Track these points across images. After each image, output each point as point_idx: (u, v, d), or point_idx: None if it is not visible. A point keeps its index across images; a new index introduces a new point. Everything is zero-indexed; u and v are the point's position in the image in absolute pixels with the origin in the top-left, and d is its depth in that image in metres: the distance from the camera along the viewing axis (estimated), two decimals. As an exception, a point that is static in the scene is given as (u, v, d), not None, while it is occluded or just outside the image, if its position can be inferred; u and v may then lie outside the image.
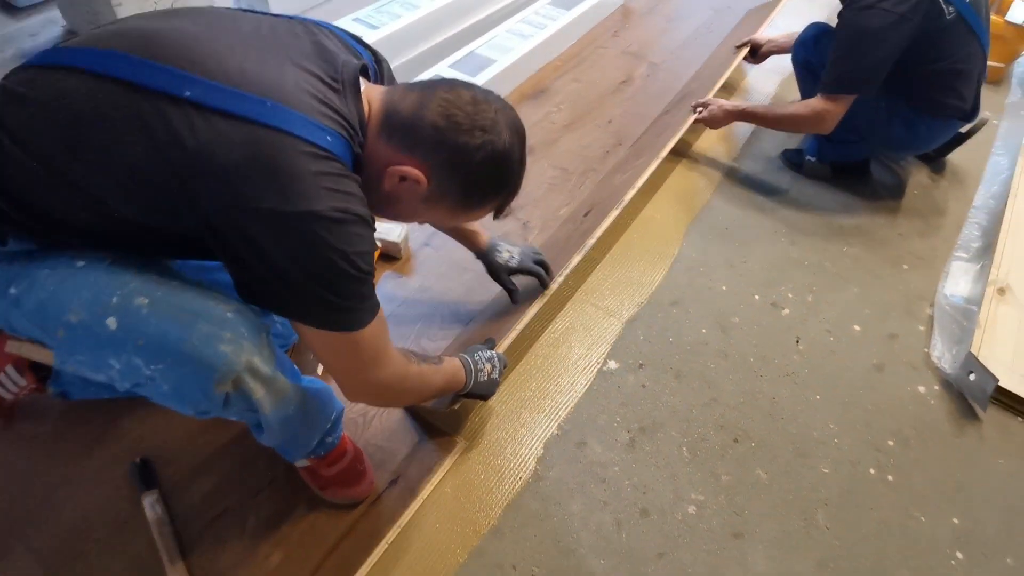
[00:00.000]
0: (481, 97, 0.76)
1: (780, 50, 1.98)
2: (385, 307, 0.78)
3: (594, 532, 1.04)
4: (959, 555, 1.06)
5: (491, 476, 1.10)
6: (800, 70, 1.78)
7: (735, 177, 1.80)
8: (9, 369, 1.05)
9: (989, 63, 2.24)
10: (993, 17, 2.20)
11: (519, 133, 0.79)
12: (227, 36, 0.71)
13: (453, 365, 0.99)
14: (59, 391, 1.06)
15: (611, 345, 1.33)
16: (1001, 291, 1.46)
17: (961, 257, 1.61)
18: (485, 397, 1.08)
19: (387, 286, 1.39)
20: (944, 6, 1.42)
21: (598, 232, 1.41)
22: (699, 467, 1.14)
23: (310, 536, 1.00)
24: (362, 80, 0.78)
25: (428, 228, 1.53)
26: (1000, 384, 1.25)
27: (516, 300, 1.26)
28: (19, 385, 1.06)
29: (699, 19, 2.53)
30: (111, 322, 0.69)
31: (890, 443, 1.21)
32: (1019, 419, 1.27)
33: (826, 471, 1.15)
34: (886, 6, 1.39)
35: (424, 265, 1.45)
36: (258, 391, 0.76)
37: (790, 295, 1.48)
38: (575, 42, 2.30)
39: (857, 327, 1.42)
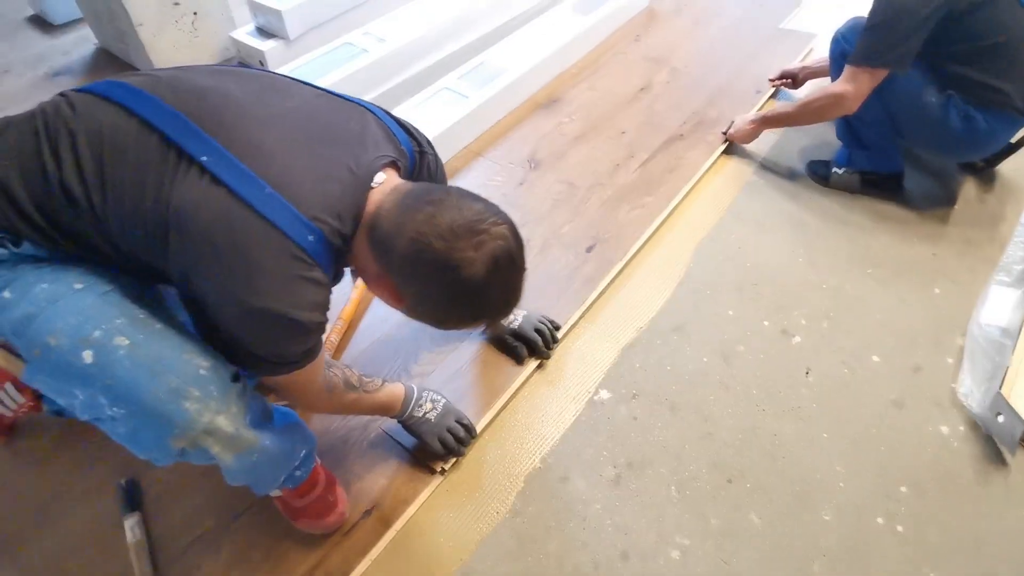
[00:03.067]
0: (464, 226, 0.73)
1: (818, 75, 1.89)
2: (376, 330, 0.80)
3: (570, 575, 1.00)
4: (972, 621, 0.97)
5: (468, 510, 1.07)
6: (836, 65, 1.66)
7: (752, 192, 1.71)
8: (8, 386, 1.09)
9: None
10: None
11: (505, 265, 0.75)
12: (267, 107, 0.78)
13: (391, 394, 1.04)
14: (54, 409, 1.10)
15: (604, 373, 1.28)
16: (1044, 321, 1.33)
17: (1003, 281, 1.47)
18: (422, 438, 1.08)
19: (379, 310, 1.38)
20: None
21: (601, 284, 1.41)
22: (687, 508, 1.08)
23: (281, 566, 1.00)
24: (388, 173, 0.82)
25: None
26: (1034, 428, 1.13)
27: (521, 361, 1.27)
28: (17, 402, 1.10)
29: (727, 19, 2.42)
30: (87, 355, 0.70)
31: (903, 489, 1.12)
32: (1056, 467, 1.15)
33: (828, 518, 1.08)
34: None
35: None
36: (215, 447, 0.76)
37: (803, 321, 1.39)
38: (592, 49, 2.23)
39: (876, 358, 1.32)
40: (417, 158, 0.94)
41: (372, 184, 0.79)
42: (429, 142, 0.98)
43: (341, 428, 1.16)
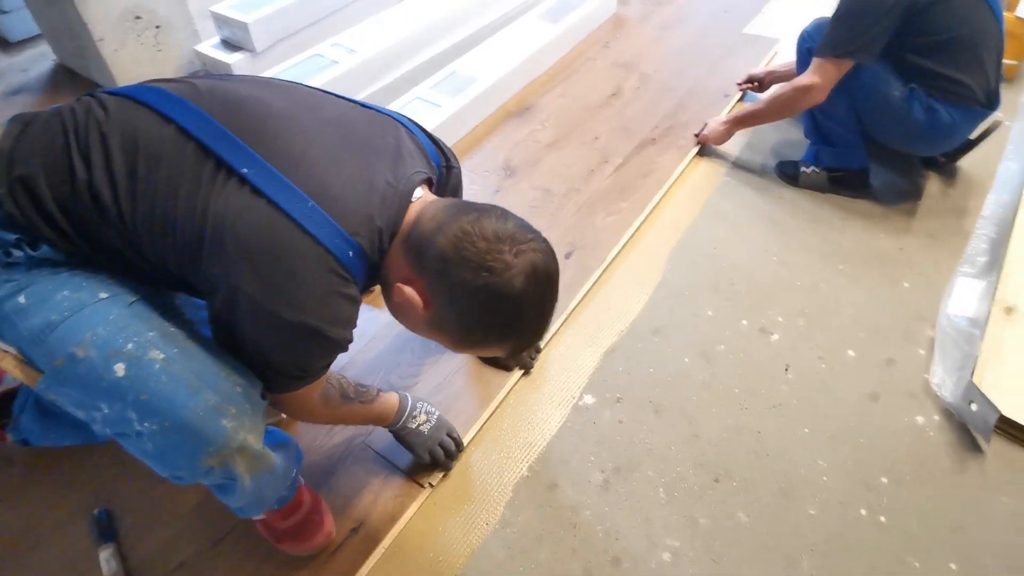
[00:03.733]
0: (507, 234, 0.72)
1: (783, 79, 1.94)
2: (356, 343, 0.77)
3: (562, 583, 0.99)
4: (956, 606, 0.99)
5: (457, 523, 1.06)
6: (802, 61, 1.70)
7: (725, 193, 1.74)
8: (-29, 418, 1.05)
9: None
10: (1005, 14, 2.09)
11: (542, 280, 0.74)
12: (306, 119, 0.76)
13: (386, 404, 1.02)
14: (19, 439, 1.05)
15: (588, 378, 1.28)
16: (1009, 310, 1.37)
17: (967, 273, 1.52)
18: (413, 450, 1.07)
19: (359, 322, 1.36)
20: None
21: (581, 291, 1.43)
22: (676, 510, 1.09)
23: (266, 591, 0.97)
24: (423, 188, 0.82)
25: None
26: (1004, 415, 1.17)
27: (509, 368, 1.28)
28: (-19, 435, 1.05)
29: (693, 25, 2.47)
30: (119, 368, 0.67)
31: (883, 480, 1.14)
32: (1026, 451, 1.19)
33: (813, 512, 1.09)
34: None
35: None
36: (241, 465, 0.74)
37: (780, 319, 1.41)
38: (563, 56, 2.25)
39: (851, 352, 1.35)
40: (444, 172, 0.94)
41: (412, 199, 0.79)
42: (455, 156, 0.98)
43: (324, 444, 1.14)
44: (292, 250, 0.68)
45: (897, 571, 1.02)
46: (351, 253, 0.72)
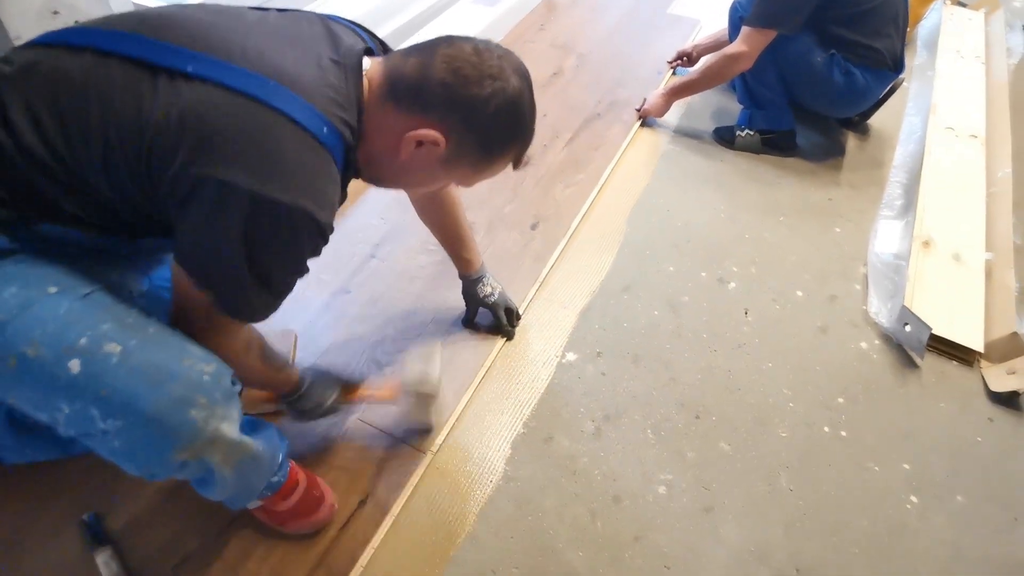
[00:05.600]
0: (482, 47, 0.74)
1: (710, 49, 2.06)
2: (337, 324, 0.76)
3: (569, 526, 1.04)
4: (913, 499, 1.12)
5: (461, 484, 1.09)
6: (734, 29, 1.82)
7: (670, 159, 1.84)
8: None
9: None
10: (894, -15, 2.32)
11: (525, 77, 0.77)
12: (235, 22, 0.71)
13: (289, 379, 0.96)
14: None
15: (568, 337, 1.34)
16: (926, 244, 1.54)
17: (887, 215, 1.69)
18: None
19: (337, 303, 1.36)
20: None
21: (551, 259, 1.49)
22: (665, 448, 1.16)
23: (282, 570, 0.96)
24: (366, 59, 0.77)
25: (372, 239, 1.50)
26: (933, 332, 1.32)
27: (466, 324, 1.33)
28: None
29: (620, 7, 2.57)
30: (74, 365, 0.63)
31: (840, 400, 1.26)
32: (954, 363, 1.35)
33: (784, 435, 1.19)
34: None
35: (372, 278, 1.42)
36: (217, 456, 0.72)
37: (735, 269, 1.52)
38: (502, 38, 2.30)
39: (800, 293, 1.48)
40: (381, 50, 0.89)
41: (363, 68, 0.76)
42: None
43: (318, 425, 1.13)
44: (271, 130, 0.64)
45: (861, 476, 1.14)
46: (325, 130, 0.68)
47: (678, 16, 2.53)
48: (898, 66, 1.72)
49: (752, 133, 1.85)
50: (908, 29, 2.37)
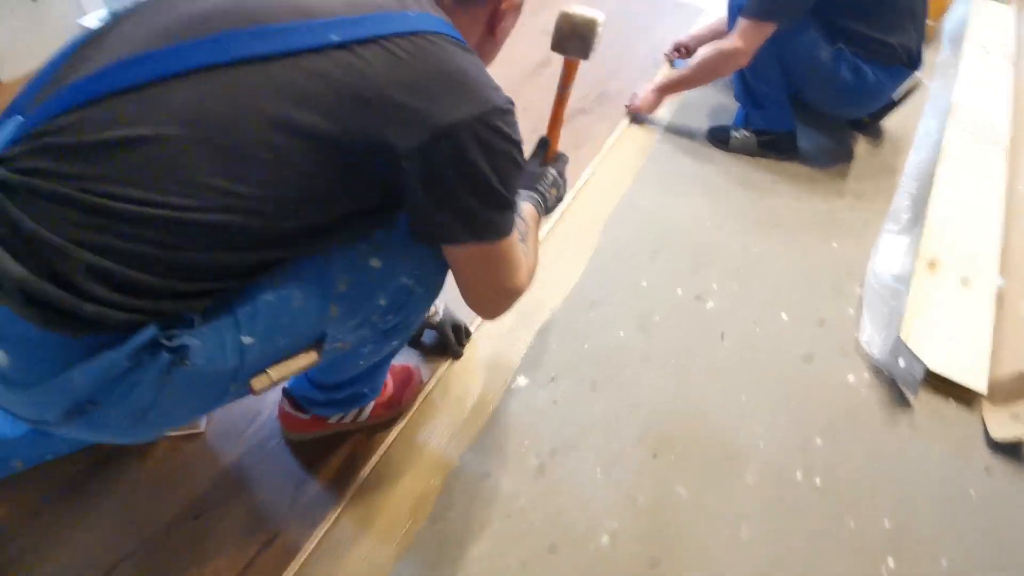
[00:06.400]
0: None
1: (709, 40, 1.90)
2: None
3: (497, 577, 0.94)
4: (891, 562, 0.99)
5: (384, 522, 0.98)
6: (732, 20, 1.67)
7: (658, 159, 1.70)
8: None
9: (917, 21, 2.18)
10: (919, -27, 2.13)
11: None
12: None
13: (534, 220, 0.94)
14: None
15: (521, 358, 1.22)
16: (931, 265, 1.40)
17: (892, 230, 1.54)
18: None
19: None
20: None
21: None
22: (614, 489, 1.05)
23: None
24: None
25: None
26: (932, 368, 1.18)
27: (410, 343, 1.22)
28: None
29: (622, -9, 2.41)
30: (374, 263, 0.70)
31: (818, 442, 1.13)
32: (951, 401, 1.21)
33: (750, 481, 1.07)
34: None
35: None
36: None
37: (714, 285, 1.39)
38: (490, 23, 2.15)
39: (785, 315, 1.34)
40: None
41: None
42: None
43: (231, 454, 1.04)
44: (436, 56, 0.61)
45: (834, 532, 1.02)
46: (450, 29, 0.66)
47: (681, 3, 2.36)
48: (914, 63, 1.55)
49: (748, 134, 1.70)
50: (931, 22, 2.19)
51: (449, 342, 1.19)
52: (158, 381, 0.59)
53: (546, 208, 1.01)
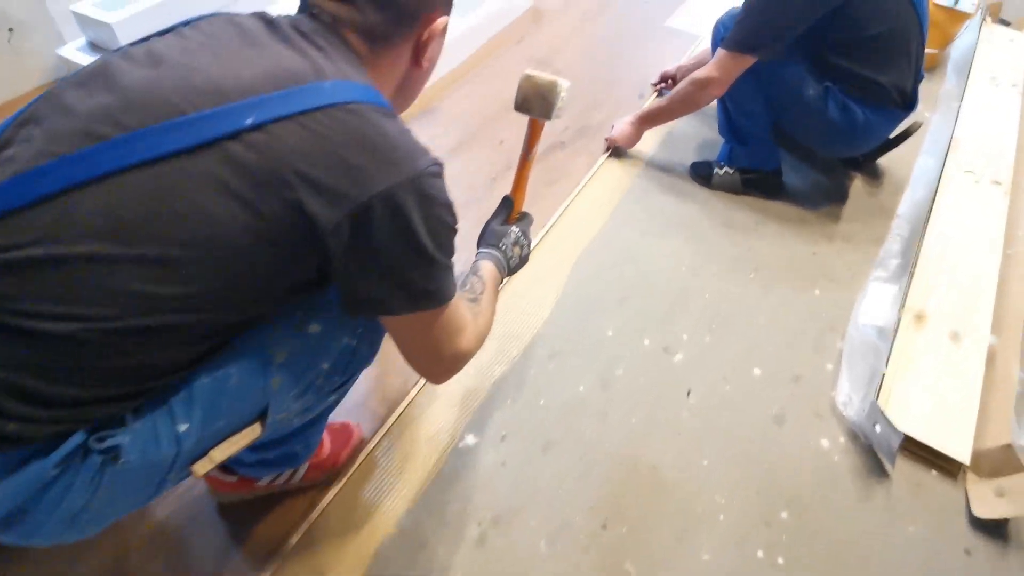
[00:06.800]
0: None
1: (695, 70, 1.84)
2: None
3: (423, 662, 0.88)
4: (854, 657, 0.91)
5: (309, 596, 0.94)
6: (715, 48, 1.62)
7: (636, 197, 1.64)
8: None
9: (918, 51, 2.09)
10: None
11: None
12: (204, 51, 0.62)
13: (492, 280, 0.93)
14: None
15: (472, 414, 1.16)
16: (918, 318, 1.31)
17: (879, 277, 1.46)
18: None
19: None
20: None
21: None
22: (557, 564, 0.98)
23: None
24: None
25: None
26: (911, 435, 1.10)
27: None
28: None
29: (615, 15, 2.36)
30: (314, 328, 0.69)
31: (784, 515, 1.05)
32: (933, 472, 1.12)
33: (707, 558, 1.00)
34: None
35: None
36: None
37: (685, 336, 1.32)
38: (473, 52, 2.12)
39: (758, 370, 1.27)
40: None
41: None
42: None
43: (158, 515, 0.99)
44: (356, 125, 0.59)
45: (794, 619, 0.94)
46: (373, 92, 0.64)
47: (676, 30, 2.30)
48: (908, 103, 1.47)
49: (732, 171, 1.63)
50: (936, 50, 2.11)
51: None
52: (90, 483, 0.58)
53: (508, 268, 1.02)
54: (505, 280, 0.99)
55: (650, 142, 1.79)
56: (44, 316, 0.53)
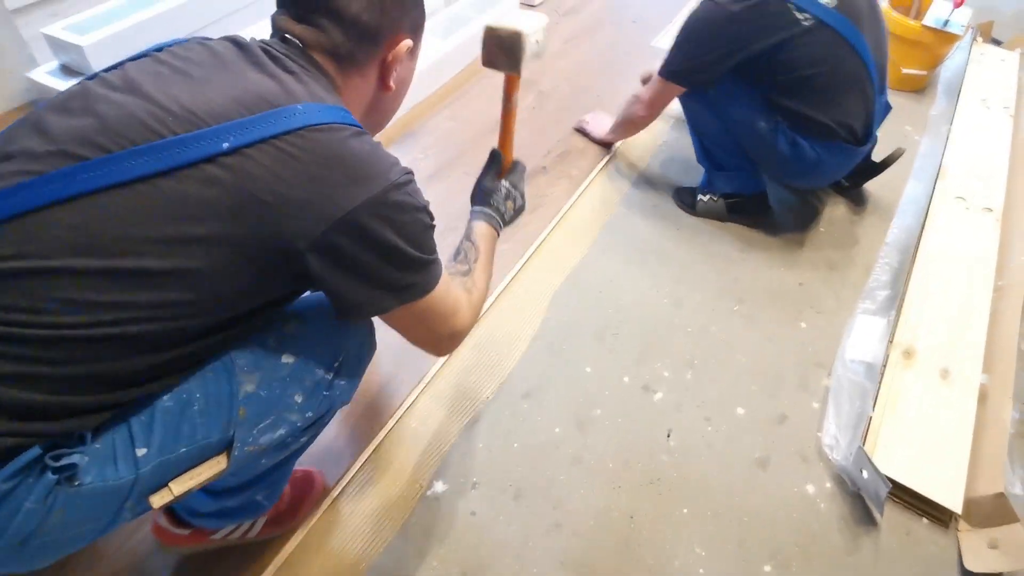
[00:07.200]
0: None
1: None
2: None
3: None
4: None
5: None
6: None
7: (617, 225, 1.59)
8: None
9: (909, 71, 2.07)
10: (910, 23, 2.02)
11: None
12: (178, 76, 0.63)
13: (486, 241, 0.95)
14: None
15: (442, 459, 1.11)
16: (907, 354, 1.27)
17: (867, 309, 1.41)
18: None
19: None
20: (797, 13, 1.27)
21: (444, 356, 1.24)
22: (527, 625, 0.93)
23: None
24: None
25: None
26: (899, 481, 1.05)
27: None
28: None
29: (601, 37, 2.33)
30: (287, 358, 0.70)
31: (767, 568, 1.00)
32: (923, 520, 1.07)
33: (684, 617, 0.95)
34: (722, 1, 1.29)
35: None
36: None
37: (666, 373, 1.27)
38: (456, 73, 2.08)
39: (741, 410, 1.22)
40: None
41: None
42: None
43: (103, 572, 0.94)
44: (324, 147, 0.61)
45: None
46: (343, 112, 0.66)
47: (662, 50, 2.26)
48: (860, 139, 1.41)
49: (716, 198, 1.59)
50: (925, 71, 2.08)
51: None
52: (43, 504, 0.56)
53: (503, 221, 1.01)
54: (502, 230, 1.01)
55: (632, 169, 1.76)
56: (17, 323, 0.54)
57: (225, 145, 0.57)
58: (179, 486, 0.64)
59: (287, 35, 0.70)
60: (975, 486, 1.07)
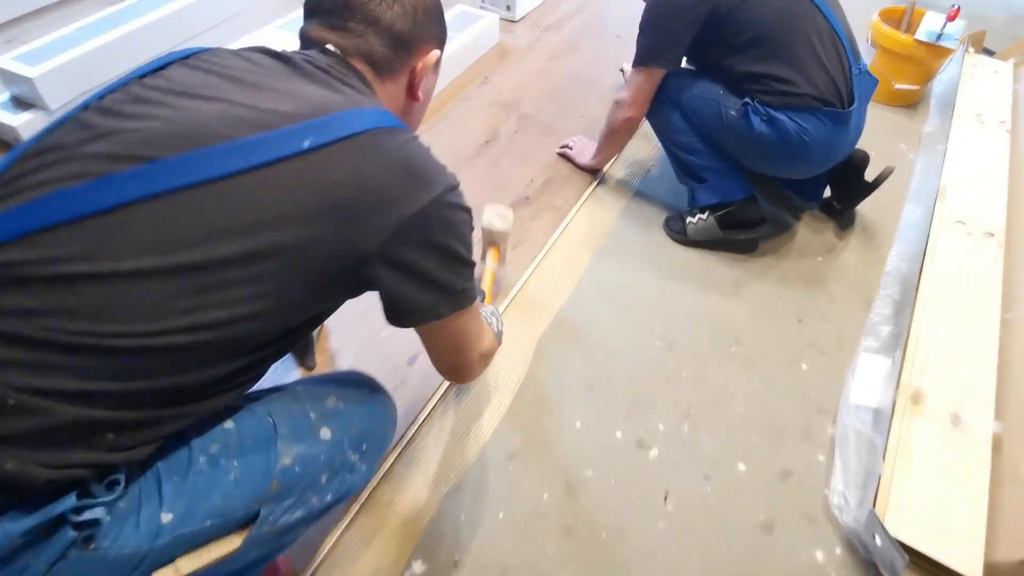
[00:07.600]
0: None
1: None
2: None
3: None
4: None
5: None
6: None
7: (605, 261, 1.51)
8: None
9: (901, 86, 2.01)
10: (902, 37, 1.96)
11: None
12: (228, 84, 0.63)
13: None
14: None
15: (421, 535, 1.02)
16: (915, 398, 1.19)
17: (870, 347, 1.34)
18: None
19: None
20: None
21: (423, 414, 1.18)
22: None
23: None
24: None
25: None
26: (914, 547, 0.97)
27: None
28: None
29: (583, 53, 2.25)
30: (325, 433, 0.69)
31: (775, 652, 0.92)
32: (942, 589, 1.00)
33: None
34: None
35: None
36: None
37: (660, 426, 1.19)
38: (437, 93, 2.00)
39: (742, 465, 1.14)
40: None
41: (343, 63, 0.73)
42: None
43: None
44: (389, 151, 0.62)
45: None
46: (392, 116, 0.66)
47: (648, 66, 2.19)
48: (831, 99, 1.30)
49: (705, 216, 1.51)
50: (917, 86, 2.02)
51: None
52: (47, 570, 0.52)
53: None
54: None
55: (621, 198, 1.68)
56: (79, 332, 0.51)
57: (307, 143, 0.58)
58: (187, 564, 0.59)
59: (326, 45, 0.71)
60: (995, 549, 1.00)
